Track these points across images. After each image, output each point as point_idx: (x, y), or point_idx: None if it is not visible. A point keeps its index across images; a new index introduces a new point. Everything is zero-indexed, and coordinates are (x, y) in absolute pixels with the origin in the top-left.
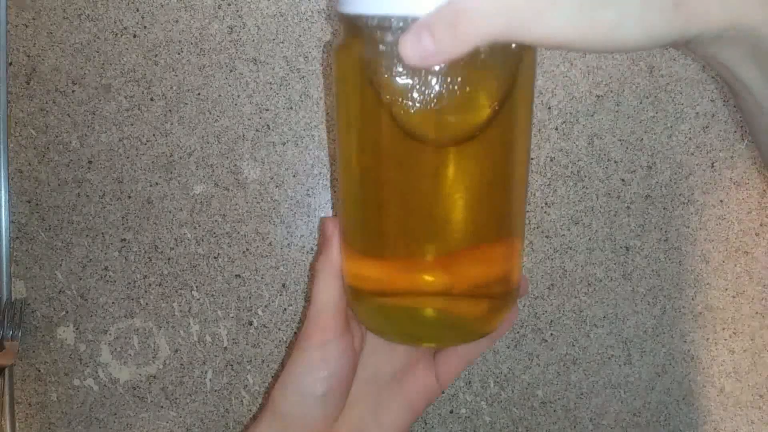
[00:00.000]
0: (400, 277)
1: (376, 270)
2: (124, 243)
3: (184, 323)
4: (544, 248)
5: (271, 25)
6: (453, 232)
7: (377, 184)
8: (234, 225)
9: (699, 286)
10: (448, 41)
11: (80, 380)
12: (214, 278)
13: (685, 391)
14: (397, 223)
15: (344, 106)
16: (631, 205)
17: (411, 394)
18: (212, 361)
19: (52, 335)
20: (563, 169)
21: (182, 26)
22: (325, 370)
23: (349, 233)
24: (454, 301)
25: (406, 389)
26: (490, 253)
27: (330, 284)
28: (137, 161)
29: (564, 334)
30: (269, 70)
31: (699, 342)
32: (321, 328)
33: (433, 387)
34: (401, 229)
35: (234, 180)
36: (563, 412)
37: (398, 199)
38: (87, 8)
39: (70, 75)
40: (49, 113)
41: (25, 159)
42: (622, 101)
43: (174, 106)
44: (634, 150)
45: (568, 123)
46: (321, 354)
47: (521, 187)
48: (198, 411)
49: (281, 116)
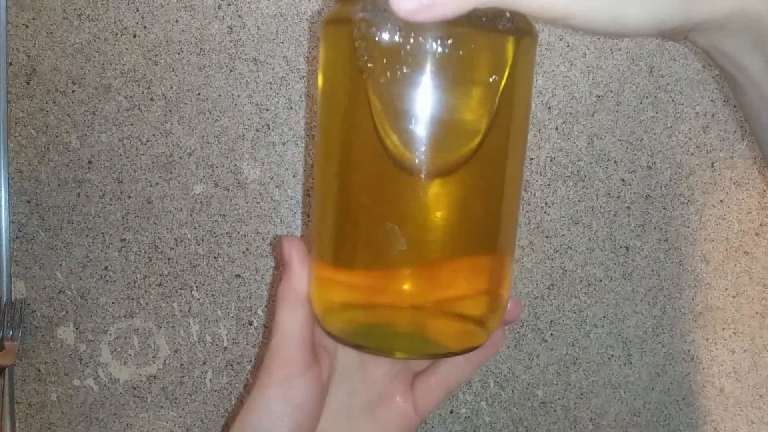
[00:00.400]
0: (374, 288)
1: (349, 279)
2: (124, 243)
3: (184, 323)
4: (544, 248)
5: (271, 25)
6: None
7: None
8: (234, 225)
9: (699, 286)
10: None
11: (80, 380)
12: (214, 278)
13: (685, 391)
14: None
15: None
16: (631, 205)
17: (386, 425)
18: (212, 361)
19: (52, 335)
20: (563, 169)
21: (182, 26)
22: (289, 408)
23: (323, 240)
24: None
25: (380, 420)
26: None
27: (293, 313)
28: (137, 161)
29: (564, 334)
30: (269, 70)
31: (699, 342)
32: (284, 362)
33: (410, 417)
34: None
35: (234, 180)
36: (563, 412)
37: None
38: (87, 8)
39: (70, 75)
40: (49, 113)
41: (25, 159)
42: (622, 101)
43: (174, 106)
44: (634, 150)
45: (569, 123)
46: (283, 392)
47: (512, 201)
48: (198, 411)
49: (281, 116)
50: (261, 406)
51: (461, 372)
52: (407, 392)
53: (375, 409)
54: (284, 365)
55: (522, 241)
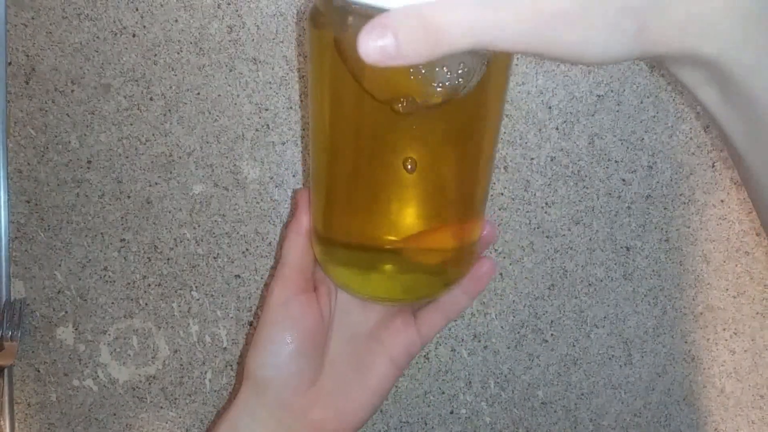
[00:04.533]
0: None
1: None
2: (123, 243)
3: (183, 323)
4: (545, 248)
5: (271, 25)
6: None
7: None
8: (234, 225)
9: (700, 287)
10: (412, 47)
11: (80, 380)
12: (214, 278)
13: (685, 392)
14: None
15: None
16: (631, 205)
17: (392, 349)
18: (212, 362)
19: (51, 335)
20: (564, 168)
21: (182, 26)
22: (291, 324)
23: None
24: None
25: (386, 345)
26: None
27: (297, 244)
28: (136, 161)
29: (564, 335)
30: (269, 70)
31: (700, 342)
32: (284, 284)
33: (413, 340)
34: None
35: (233, 180)
36: (564, 412)
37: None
38: (86, 7)
39: (69, 74)
40: (48, 113)
41: (24, 159)
42: (622, 101)
43: (173, 105)
44: (634, 150)
45: (569, 123)
46: (284, 310)
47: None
48: (198, 411)
49: (281, 116)
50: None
51: (460, 302)
52: (408, 318)
53: (379, 336)
54: (284, 286)
55: (522, 241)
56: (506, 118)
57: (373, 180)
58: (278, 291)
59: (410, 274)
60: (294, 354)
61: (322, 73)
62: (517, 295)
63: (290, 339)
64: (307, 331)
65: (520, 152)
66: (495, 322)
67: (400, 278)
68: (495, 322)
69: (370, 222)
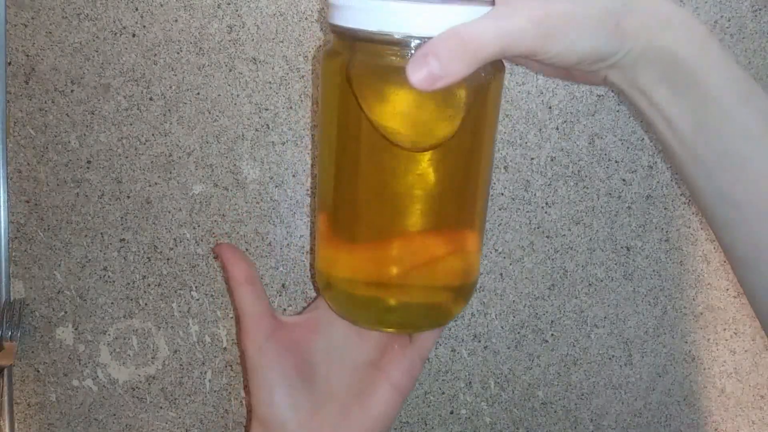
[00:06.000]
0: (367, 267)
1: (346, 259)
2: (123, 243)
3: (183, 323)
4: (545, 248)
5: (271, 25)
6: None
7: (351, 181)
8: (233, 225)
9: (700, 287)
10: (455, 65)
11: (79, 381)
12: (214, 278)
13: (686, 392)
14: (366, 217)
15: (327, 106)
16: (632, 205)
17: (392, 375)
18: (211, 362)
19: (51, 336)
20: (564, 168)
21: (181, 25)
22: (271, 366)
23: (325, 222)
24: (415, 291)
25: (385, 371)
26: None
27: (244, 294)
28: (136, 161)
29: (565, 335)
30: (269, 70)
31: (700, 342)
32: (251, 334)
33: (413, 362)
34: (369, 222)
35: (233, 180)
36: (564, 412)
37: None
38: (86, 7)
39: (69, 74)
40: (48, 113)
41: (24, 159)
42: (623, 100)
43: (173, 105)
44: (635, 149)
45: (569, 122)
46: (260, 356)
47: (484, 191)
48: (197, 412)
49: (281, 116)
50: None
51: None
52: (404, 341)
53: (379, 364)
54: (253, 336)
55: (522, 241)
56: (506, 118)
57: (377, 213)
58: (249, 342)
59: (412, 306)
60: (284, 391)
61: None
62: (517, 295)
63: (276, 379)
64: (289, 367)
65: (520, 152)
66: (495, 322)
67: (403, 310)
68: (495, 322)
69: (373, 253)
